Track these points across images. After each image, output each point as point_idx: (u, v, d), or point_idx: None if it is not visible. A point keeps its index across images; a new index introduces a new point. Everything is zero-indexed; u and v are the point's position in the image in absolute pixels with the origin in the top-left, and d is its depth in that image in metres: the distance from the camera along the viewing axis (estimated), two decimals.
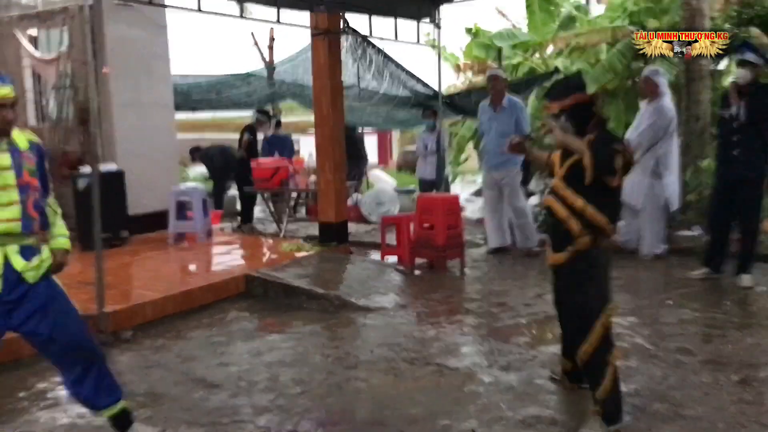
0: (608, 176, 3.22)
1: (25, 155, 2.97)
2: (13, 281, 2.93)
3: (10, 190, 2.89)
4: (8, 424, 3.65)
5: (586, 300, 3.39)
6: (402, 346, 4.72)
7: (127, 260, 7.08)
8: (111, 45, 8.27)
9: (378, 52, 8.83)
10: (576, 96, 3.40)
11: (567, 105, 3.39)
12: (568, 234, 3.37)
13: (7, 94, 2.97)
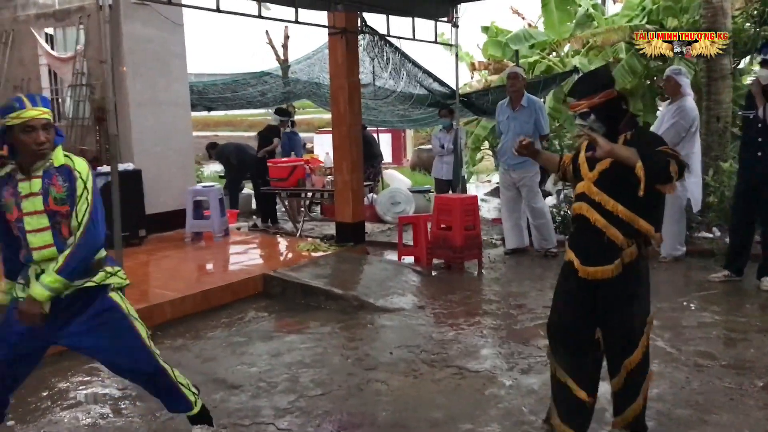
0: (665, 184, 2.92)
1: (55, 181, 2.85)
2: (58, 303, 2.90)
3: (40, 216, 2.83)
4: (32, 424, 3.66)
5: (633, 317, 3.10)
6: (421, 348, 4.70)
7: (144, 259, 7.10)
8: (128, 44, 8.29)
9: (395, 51, 8.81)
10: (607, 92, 3.05)
11: (597, 103, 3.05)
12: (610, 244, 3.05)
13: (37, 115, 2.79)
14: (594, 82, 3.15)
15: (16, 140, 2.79)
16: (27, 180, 2.83)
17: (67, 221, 2.87)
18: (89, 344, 3.00)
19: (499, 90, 10.13)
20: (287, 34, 20.84)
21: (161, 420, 3.66)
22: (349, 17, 7.46)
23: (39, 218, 2.84)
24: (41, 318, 2.80)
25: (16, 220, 2.85)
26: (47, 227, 2.84)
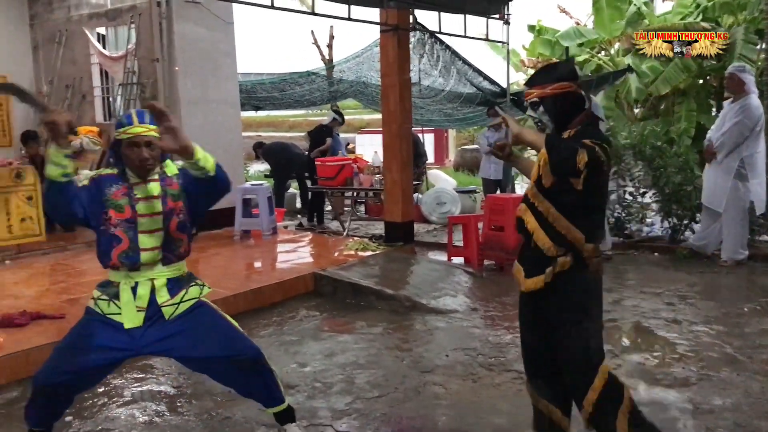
0: (570, 177, 2.63)
1: (169, 181, 2.92)
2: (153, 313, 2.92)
3: (156, 218, 2.88)
4: (89, 420, 3.65)
5: (587, 339, 2.74)
6: (478, 351, 4.59)
7: (195, 256, 7.07)
8: (179, 42, 8.34)
9: (446, 49, 8.70)
10: (560, 85, 2.79)
11: (547, 93, 2.81)
12: (538, 251, 2.79)
13: (141, 131, 2.82)
14: (550, 73, 2.90)
15: (123, 153, 2.87)
16: (143, 183, 2.87)
17: (177, 218, 2.91)
18: (184, 344, 2.95)
19: None
20: (332, 34, 20.87)
21: (217, 419, 3.62)
22: (402, 14, 7.38)
23: (154, 220, 2.88)
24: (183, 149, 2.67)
25: (127, 220, 2.85)
26: (160, 228, 2.89)
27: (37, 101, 3.09)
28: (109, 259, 2.90)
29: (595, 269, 2.79)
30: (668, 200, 7.57)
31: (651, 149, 7.82)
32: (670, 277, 6.47)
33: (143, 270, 2.90)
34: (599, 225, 2.86)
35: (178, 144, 2.61)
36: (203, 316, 3.02)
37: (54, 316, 4.96)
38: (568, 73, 2.87)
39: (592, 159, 2.56)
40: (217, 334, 3.01)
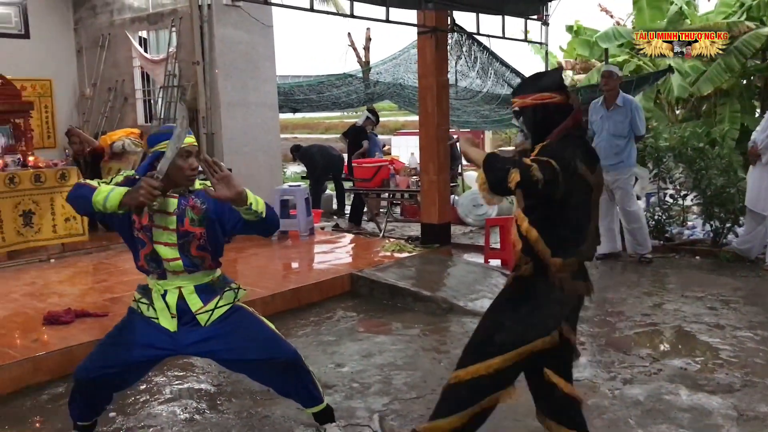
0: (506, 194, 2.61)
1: (192, 202, 2.93)
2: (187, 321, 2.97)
3: (170, 233, 2.90)
4: (132, 416, 3.72)
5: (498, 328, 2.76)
6: None
7: (233, 256, 7.19)
8: (219, 46, 8.44)
9: (483, 50, 8.67)
10: (542, 95, 2.74)
11: (527, 103, 2.77)
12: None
13: (192, 142, 2.91)
14: (534, 83, 2.84)
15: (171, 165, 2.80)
16: (161, 196, 2.85)
17: (197, 242, 2.92)
18: (221, 347, 3.00)
19: (589, 89, 9.85)
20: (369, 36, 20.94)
21: (256, 418, 3.66)
22: (439, 16, 7.37)
23: (169, 235, 2.91)
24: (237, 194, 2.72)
25: (144, 228, 2.90)
26: (175, 244, 2.91)
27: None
28: (138, 260, 2.98)
29: (561, 285, 2.72)
30: (710, 203, 7.42)
31: (692, 151, 7.68)
32: (713, 281, 6.35)
33: (170, 278, 2.95)
34: (571, 240, 2.72)
35: (233, 192, 2.66)
36: (239, 320, 3.05)
37: (97, 314, 5.06)
38: (552, 83, 2.80)
39: (525, 179, 2.50)
40: (253, 337, 3.03)
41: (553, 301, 2.73)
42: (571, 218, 2.70)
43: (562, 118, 2.75)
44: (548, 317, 2.72)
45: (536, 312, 2.73)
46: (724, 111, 12.37)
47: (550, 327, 2.70)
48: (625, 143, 7.03)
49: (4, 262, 6.95)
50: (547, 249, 2.67)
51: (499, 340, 2.72)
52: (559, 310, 2.74)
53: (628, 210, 7.12)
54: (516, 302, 2.80)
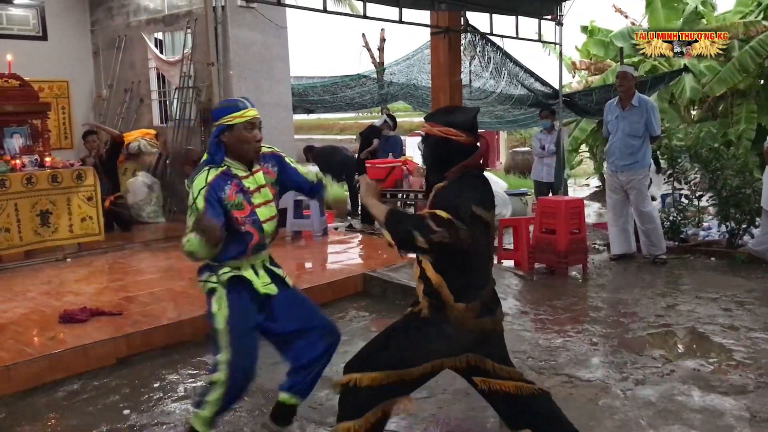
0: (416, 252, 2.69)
1: (265, 168, 3.13)
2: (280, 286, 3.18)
3: (270, 205, 3.09)
4: (146, 414, 3.75)
5: (371, 347, 2.87)
6: (527, 354, 4.56)
7: None
8: (233, 47, 8.50)
9: (497, 51, 8.66)
10: (448, 129, 2.75)
11: (433, 132, 2.79)
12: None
13: (256, 114, 3.04)
14: (446, 115, 2.87)
15: (235, 138, 2.99)
16: (251, 175, 3.04)
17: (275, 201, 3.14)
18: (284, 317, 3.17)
19: (604, 90, 9.82)
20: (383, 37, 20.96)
21: (269, 415, 3.67)
22: (452, 16, 7.38)
23: (269, 207, 3.09)
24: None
25: (249, 215, 3.00)
26: (275, 215, 3.12)
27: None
28: (244, 253, 3.05)
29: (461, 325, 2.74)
30: (726, 203, 7.37)
31: (707, 151, 7.64)
32: (728, 283, 6.31)
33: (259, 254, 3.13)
34: (475, 285, 2.78)
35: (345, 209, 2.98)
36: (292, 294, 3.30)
37: (112, 313, 5.11)
38: (464, 122, 2.80)
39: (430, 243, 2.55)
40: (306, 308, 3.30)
41: (442, 337, 2.76)
42: (474, 264, 2.76)
43: (463, 158, 2.76)
44: (430, 352, 2.76)
45: (422, 343, 2.77)
46: (740, 111, 12.28)
47: (424, 360, 2.74)
48: (640, 143, 7.00)
49: (21, 261, 7.04)
50: (450, 295, 2.72)
51: (381, 358, 2.78)
52: (445, 347, 2.77)
53: (642, 210, 7.09)
54: (409, 329, 2.83)
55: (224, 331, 3.01)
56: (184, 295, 5.68)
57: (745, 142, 11.54)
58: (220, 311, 3.03)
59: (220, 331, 3.02)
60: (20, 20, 10.25)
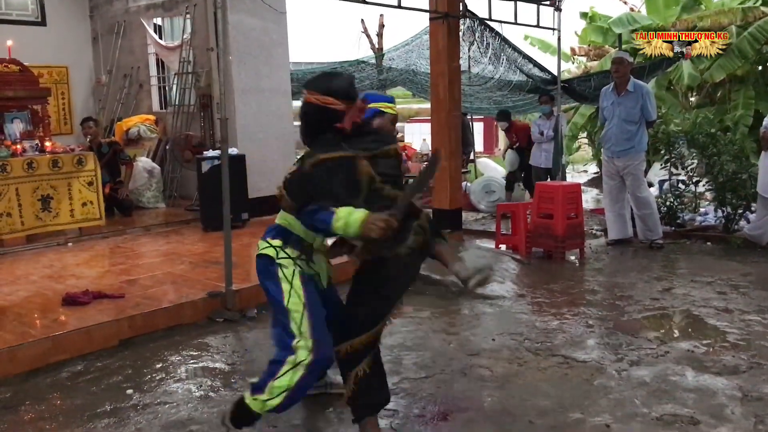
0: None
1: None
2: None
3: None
4: (149, 393, 3.82)
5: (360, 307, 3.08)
6: (524, 336, 4.63)
7: (247, 241, 7.28)
8: (233, 32, 8.49)
9: (495, 36, 8.67)
10: (326, 98, 2.79)
11: (310, 100, 2.83)
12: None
13: (396, 110, 3.34)
14: (326, 82, 2.87)
15: (381, 126, 3.22)
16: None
17: None
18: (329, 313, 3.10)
19: (602, 76, 9.83)
20: (382, 23, 20.87)
21: None
22: (451, 2, 7.39)
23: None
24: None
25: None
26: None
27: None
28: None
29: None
30: (722, 189, 7.43)
31: (704, 137, 7.68)
32: (723, 267, 6.37)
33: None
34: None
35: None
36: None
37: (114, 296, 5.17)
38: (339, 90, 2.82)
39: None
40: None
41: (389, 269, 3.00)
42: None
43: (324, 125, 2.84)
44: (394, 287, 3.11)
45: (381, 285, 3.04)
46: (738, 97, 12.30)
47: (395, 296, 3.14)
48: (636, 129, 7.04)
49: (23, 245, 7.09)
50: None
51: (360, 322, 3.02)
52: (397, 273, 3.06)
53: (638, 196, 7.14)
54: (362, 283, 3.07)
55: (300, 309, 2.91)
56: (185, 279, 5.74)
57: (743, 128, 11.58)
58: (294, 289, 2.94)
59: (296, 311, 2.91)
60: (19, 5, 10.25)
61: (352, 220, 2.64)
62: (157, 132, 10.31)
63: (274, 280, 2.97)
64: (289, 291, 2.93)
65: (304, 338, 2.87)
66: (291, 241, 3.00)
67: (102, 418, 3.51)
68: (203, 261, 6.40)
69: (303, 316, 2.90)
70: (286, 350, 2.90)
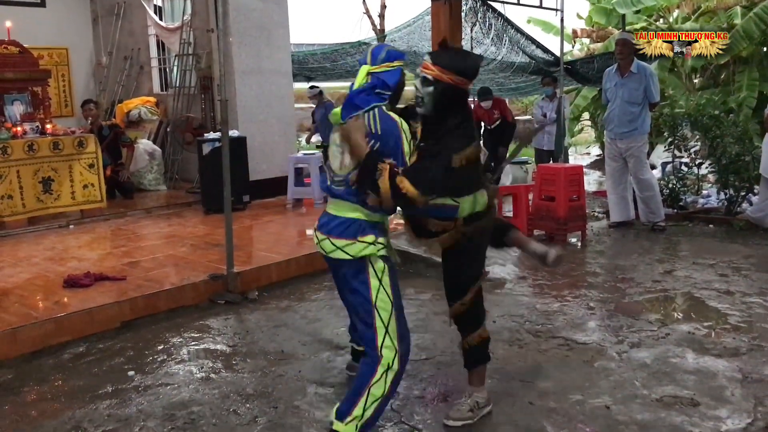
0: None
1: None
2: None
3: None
4: (150, 375, 3.83)
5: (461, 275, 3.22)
6: (525, 318, 4.63)
7: (248, 224, 7.29)
8: (233, 13, 8.44)
9: (498, 17, 8.60)
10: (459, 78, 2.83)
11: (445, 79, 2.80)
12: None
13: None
14: (458, 61, 2.85)
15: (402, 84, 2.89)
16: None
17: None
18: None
19: (605, 57, 9.78)
20: (384, 4, 20.72)
21: (271, 377, 3.76)
22: None
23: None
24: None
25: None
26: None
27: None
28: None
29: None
30: (725, 171, 7.39)
31: (707, 119, 7.64)
32: (725, 249, 6.36)
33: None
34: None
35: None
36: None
37: (116, 278, 5.18)
38: (467, 69, 2.83)
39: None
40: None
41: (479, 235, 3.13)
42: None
43: (457, 106, 2.85)
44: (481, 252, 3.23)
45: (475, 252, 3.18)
46: (742, 79, 12.22)
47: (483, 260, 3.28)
48: (639, 110, 7.00)
49: (24, 227, 7.09)
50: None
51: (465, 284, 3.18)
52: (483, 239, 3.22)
53: (641, 178, 7.12)
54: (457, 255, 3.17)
55: (390, 306, 2.82)
56: (186, 261, 5.74)
57: (746, 110, 11.51)
58: (383, 283, 2.82)
59: (383, 306, 2.81)
60: None
61: (479, 204, 2.94)
62: (157, 114, 10.28)
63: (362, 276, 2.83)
64: (378, 288, 2.81)
65: (390, 338, 2.80)
66: (378, 230, 2.86)
67: (104, 399, 3.52)
68: (204, 243, 6.40)
69: (391, 315, 2.82)
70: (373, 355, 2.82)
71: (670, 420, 3.15)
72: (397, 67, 2.82)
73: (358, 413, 2.78)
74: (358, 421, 2.79)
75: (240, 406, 3.42)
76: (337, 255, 2.83)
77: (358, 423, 2.79)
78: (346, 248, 2.81)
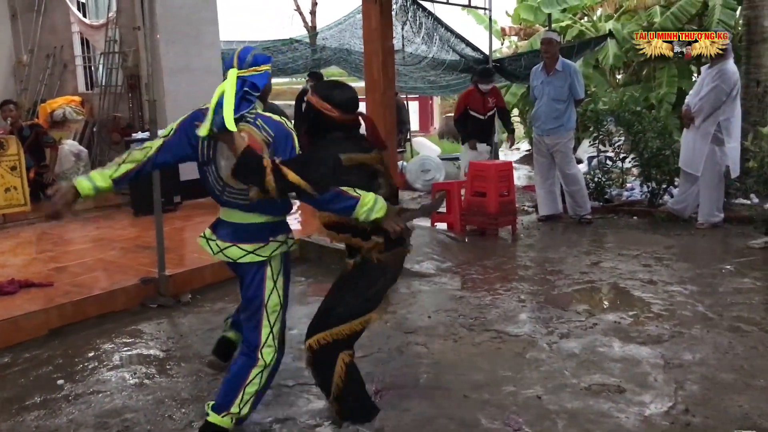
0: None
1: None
2: None
3: None
4: (81, 383, 3.74)
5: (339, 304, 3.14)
6: (459, 312, 4.72)
7: (180, 225, 7.18)
8: (160, 10, 8.21)
9: (428, 16, 8.70)
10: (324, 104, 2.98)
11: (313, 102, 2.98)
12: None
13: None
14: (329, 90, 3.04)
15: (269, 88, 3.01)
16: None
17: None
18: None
19: (532, 55, 10.01)
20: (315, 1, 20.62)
21: (206, 380, 3.72)
22: None
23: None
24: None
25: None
26: None
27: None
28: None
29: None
30: (647, 165, 7.69)
31: (630, 114, 7.92)
32: (648, 240, 6.62)
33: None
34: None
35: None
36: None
37: (42, 284, 5.03)
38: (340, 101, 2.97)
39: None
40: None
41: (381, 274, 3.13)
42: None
43: (331, 130, 2.97)
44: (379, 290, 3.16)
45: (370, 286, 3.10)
46: (662, 75, 12.70)
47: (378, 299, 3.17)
48: (565, 107, 7.21)
49: None
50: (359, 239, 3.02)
51: (338, 314, 3.04)
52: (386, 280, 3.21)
53: (567, 173, 7.33)
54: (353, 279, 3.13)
55: (278, 307, 2.96)
56: (116, 265, 5.62)
57: (666, 105, 11.98)
58: (277, 284, 2.96)
59: (273, 307, 2.95)
60: None
61: (378, 207, 2.79)
62: (83, 114, 9.99)
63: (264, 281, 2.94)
64: (272, 289, 2.95)
65: (273, 333, 2.93)
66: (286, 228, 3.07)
67: (32, 410, 3.42)
68: (135, 246, 6.27)
69: (277, 309, 2.95)
70: (251, 354, 2.94)
71: (598, 407, 3.27)
72: (264, 71, 2.92)
73: (235, 411, 2.92)
74: (235, 416, 2.93)
75: (175, 411, 3.37)
76: (248, 259, 2.92)
77: (234, 417, 2.93)
78: (258, 251, 2.91)
